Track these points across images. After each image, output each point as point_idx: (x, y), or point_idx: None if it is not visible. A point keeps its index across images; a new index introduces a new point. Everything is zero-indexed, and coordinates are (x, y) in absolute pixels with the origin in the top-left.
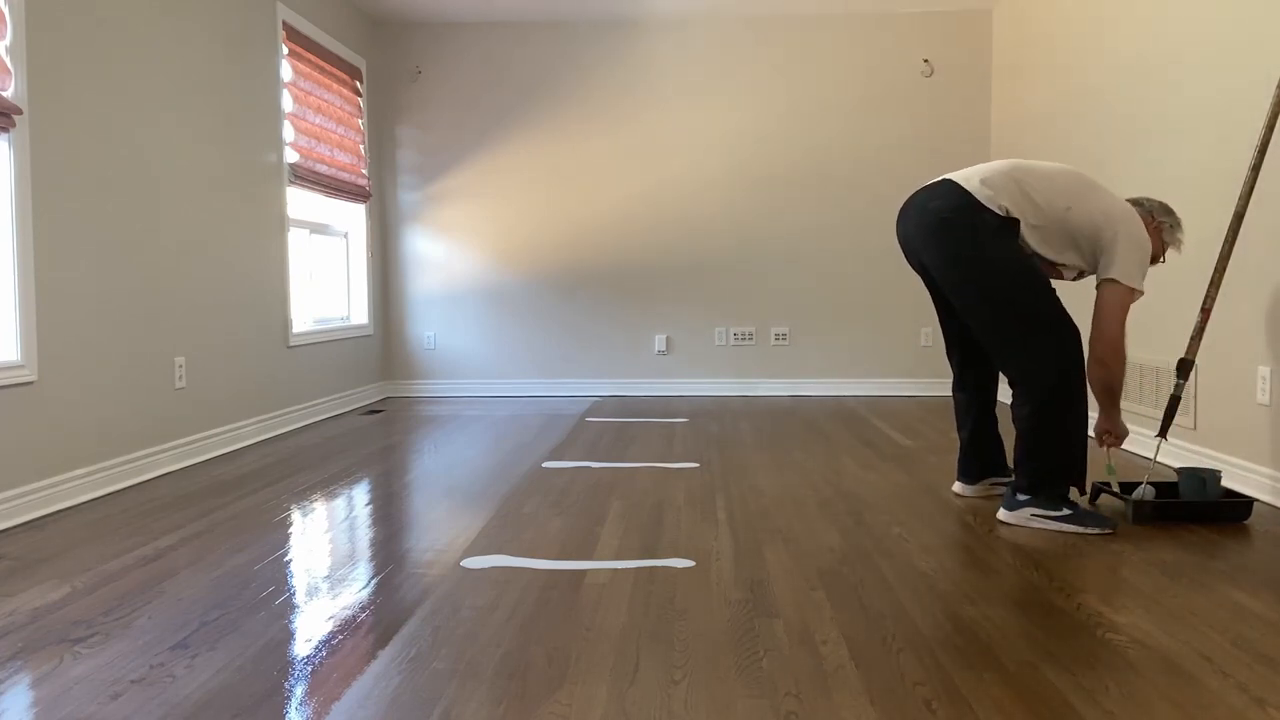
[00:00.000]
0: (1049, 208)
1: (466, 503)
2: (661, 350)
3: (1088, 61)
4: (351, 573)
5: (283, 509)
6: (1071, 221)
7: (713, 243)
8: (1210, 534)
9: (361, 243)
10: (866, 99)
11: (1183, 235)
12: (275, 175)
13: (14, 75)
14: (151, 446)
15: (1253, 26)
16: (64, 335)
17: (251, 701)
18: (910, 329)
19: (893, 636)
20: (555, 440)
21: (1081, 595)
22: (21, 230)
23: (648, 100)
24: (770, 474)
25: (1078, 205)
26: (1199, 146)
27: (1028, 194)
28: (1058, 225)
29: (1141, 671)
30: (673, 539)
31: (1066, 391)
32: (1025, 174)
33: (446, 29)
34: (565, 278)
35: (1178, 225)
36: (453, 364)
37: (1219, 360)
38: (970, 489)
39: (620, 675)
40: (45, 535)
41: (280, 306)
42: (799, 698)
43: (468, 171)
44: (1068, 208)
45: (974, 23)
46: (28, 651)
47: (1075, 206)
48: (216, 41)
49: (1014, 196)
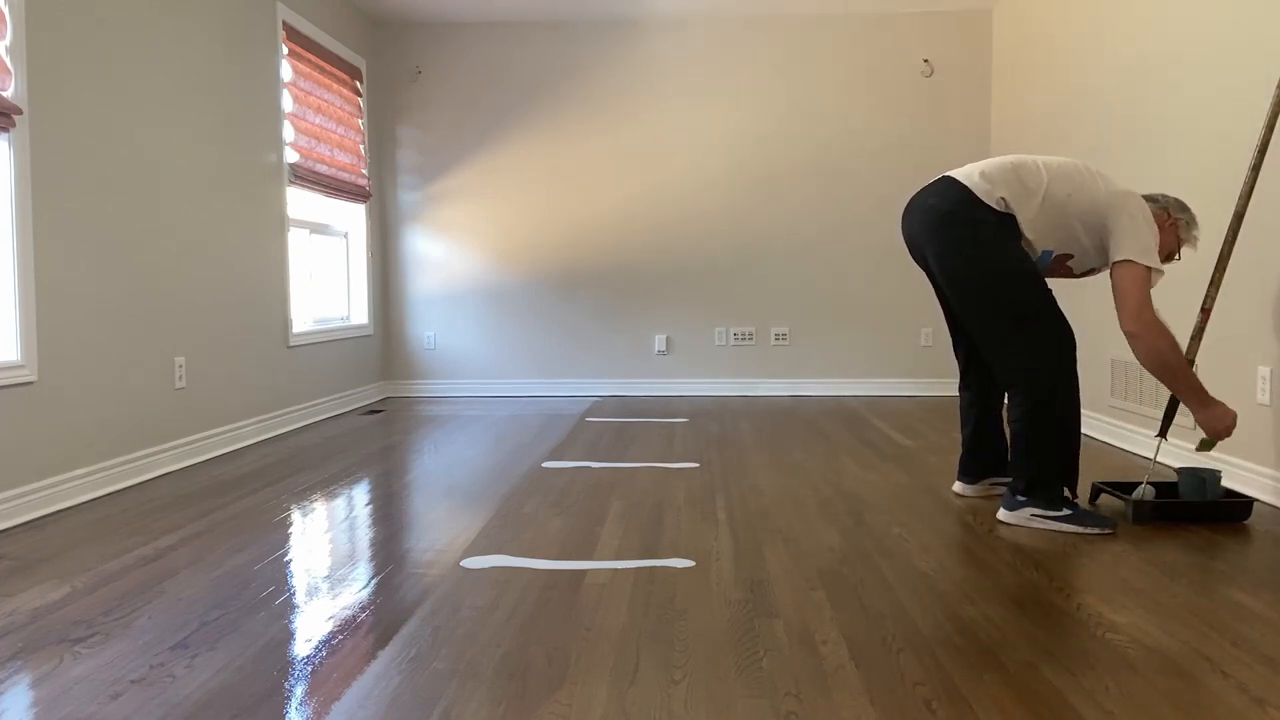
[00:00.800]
0: (1050, 195)
1: (466, 503)
2: (661, 350)
3: (1088, 61)
4: (351, 573)
5: (283, 509)
6: (1073, 207)
7: (713, 243)
8: (1210, 534)
9: (361, 243)
10: (866, 99)
11: (1199, 232)
12: (275, 175)
13: (14, 75)
14: (151, 446)
15: (1253, 26)
16: (64, 335)
17: (251, 701)
18: (910, 329)
19: (893, 636)
20: (555, 440)
21: (1081, 595)
22: (21, 230)
23: (648, 100)
24: (770, 474)
25: (1078, 191)
26: (1199, 146)
27: (1026, 183)
28: (1059, 213)
29: (1141, 671)
30: (673, 539)
31: (1061, 392)
32: (1024, 165)
33: (446, 29)
34: (565, 278)
35: (1194, 222)
36: (453, 364)
37: (1219, 360)
38: (970, 488)
39: (620, 675)
40: (45, 535)
41: (280, 306)
42: (799, 698)
43: (468, 171)
44: (1069, 194)
45: (974, 23)
46: (28, 651)
47: (1076, 193)
48: (216, 41)
49: (1012, 187)
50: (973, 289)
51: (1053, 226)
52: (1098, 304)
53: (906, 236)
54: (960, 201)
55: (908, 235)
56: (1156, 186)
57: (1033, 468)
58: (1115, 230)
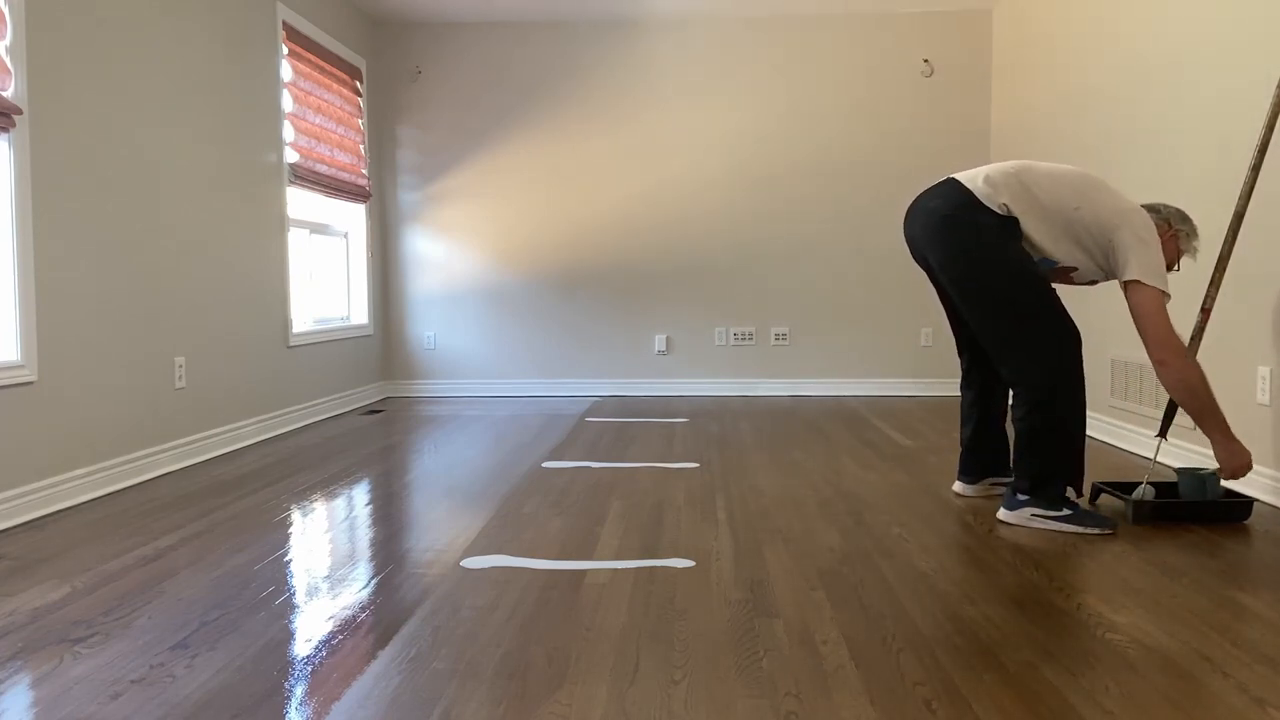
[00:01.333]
0: (1056, 206)
1: (466, 503)
2: (661, 350)
3: (1088, 61)
4: (351, 573)
5: (283, 509)
6: (1080, 221)
7: (713, 242)
8: (1210, 534)
9: (361, 243)
10: (866, 99)
11: (1199, 243)
12: (275, 175)
13: (14, 75)
14: (151, 446)
15: (1253, 26)
16: (64, 335)
17: (251, 701)
18: (910, 329)
19: (893, 636)
20: (555, 440)
21: (1081, 595)
22: (21, 230)
23: (648, 100)
24: (770, 474)
25: (1087, 205)
26: (1199, 146)
27: (1031, 191)
28: (1064, 224)
29: (1141, 671)
30: (673, 539)
31: (1062, 392)
32: (1030, 173)
33: (446, 29)
34: (565, 278)
35: (1194, 233)
36: (453, 364)
37: (1219, 360)
38: (970, 488)
39: (620, 675)
40: (45, 535)
41: (280, 306)
42: (799, 698)
43: (468, 171)
44: (1077, 207)
45: (974, 23)
46: (28, 651)
47: (1084, 206)
48: (216, 41)
49: (1015, 193)
50: (974, 289)
51: (1056, 237)
52: (1100, 304)
53: (908, 238)
54: (962, 204)
55: (909, 237)
56: (1156, 186)
57: (1034, 467)
58: (1121, 248)
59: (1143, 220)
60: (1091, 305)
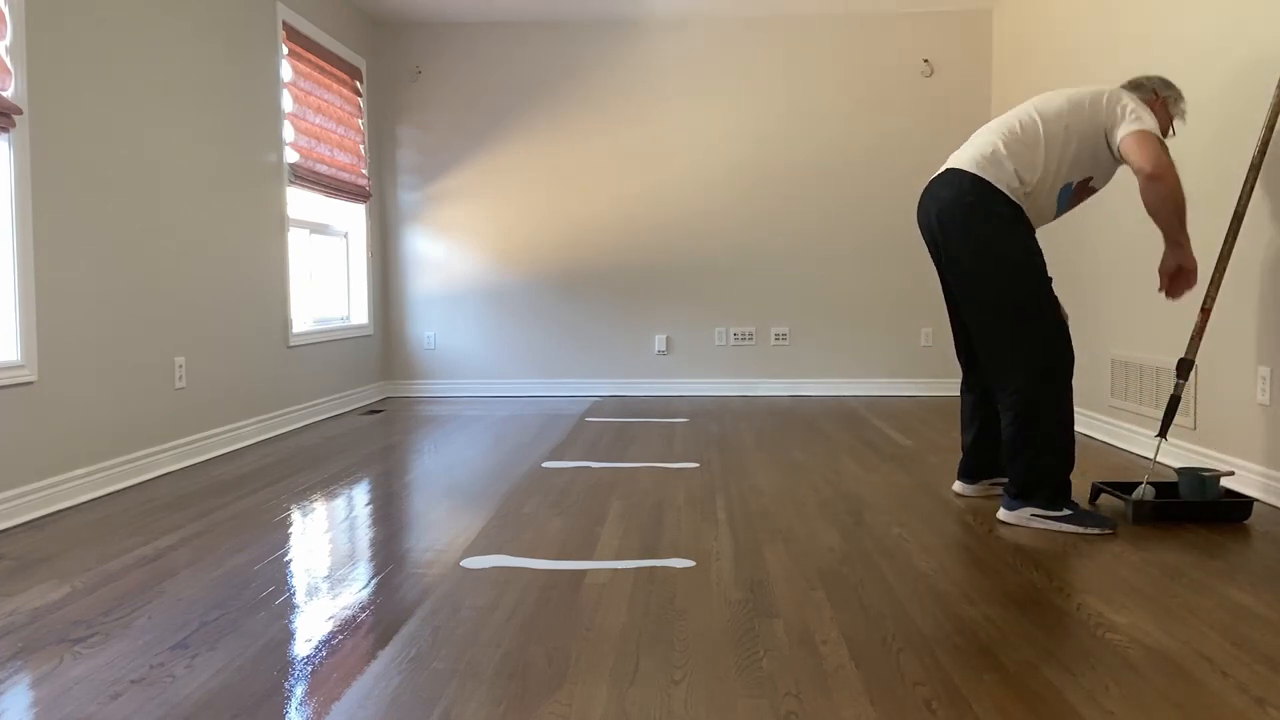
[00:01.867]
0: (1050, 137)
1: (466, 503)
2: (661, 350)
3: (1088, 61)
4: (351, 573)
5: (283, 509)
6: (1074, 133)
7: (713, 242)
8: (1210, 534)
9: (361, 243)
10: (866, 99)
11: (1185, 105)
12: (275, 175)
13: (14, 75)
14: (151, 446)
15: (1253, 26)
16: (64, 335)
17: (251, 701)
18: (910, 329)
19: (893, 636)
20: (555, 440)
21: (1081, 595)
22: (21, 230)
23: (648, 100)
24: (770, 474)
25: (1072, 118)
26: (1199, 146)
27: (1024, 141)
28: (1063, 145)
29: (1141, 671)
30: (673, 539)
31: (1043, 393)
32: (1013, 124)
33: (446, 29)
34: (565, 278)
35: (1180, 96)
36: (453, 364)
37: (1219, 360)
38: (970, 488)
39: (620, 675)
40: (45, 535)
41: (280, 306)
42: (799, 698)
43: (468, 171)
44: (1066, 125)
45: (974, 23)
46: (28, 651)
47: (1072, 121)
48: (216, 41)
49: (1014, 151)
50: (973, 276)
51: (1062, 159)
52: (1100, 304)
53: (921, 226)
54: (974, 191)
55: (923, 225)
56: None
57: (1020, 470)
58: (1113, 122)
59: (1124, 92)
60: (1090, 304)
